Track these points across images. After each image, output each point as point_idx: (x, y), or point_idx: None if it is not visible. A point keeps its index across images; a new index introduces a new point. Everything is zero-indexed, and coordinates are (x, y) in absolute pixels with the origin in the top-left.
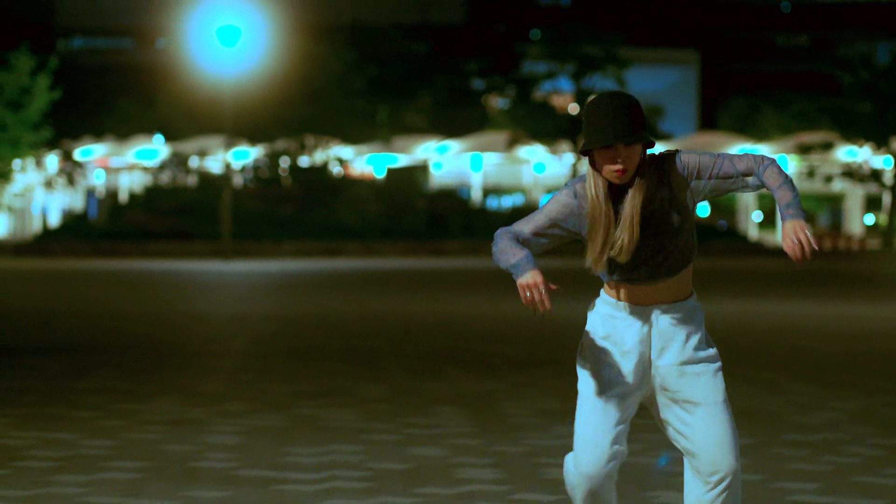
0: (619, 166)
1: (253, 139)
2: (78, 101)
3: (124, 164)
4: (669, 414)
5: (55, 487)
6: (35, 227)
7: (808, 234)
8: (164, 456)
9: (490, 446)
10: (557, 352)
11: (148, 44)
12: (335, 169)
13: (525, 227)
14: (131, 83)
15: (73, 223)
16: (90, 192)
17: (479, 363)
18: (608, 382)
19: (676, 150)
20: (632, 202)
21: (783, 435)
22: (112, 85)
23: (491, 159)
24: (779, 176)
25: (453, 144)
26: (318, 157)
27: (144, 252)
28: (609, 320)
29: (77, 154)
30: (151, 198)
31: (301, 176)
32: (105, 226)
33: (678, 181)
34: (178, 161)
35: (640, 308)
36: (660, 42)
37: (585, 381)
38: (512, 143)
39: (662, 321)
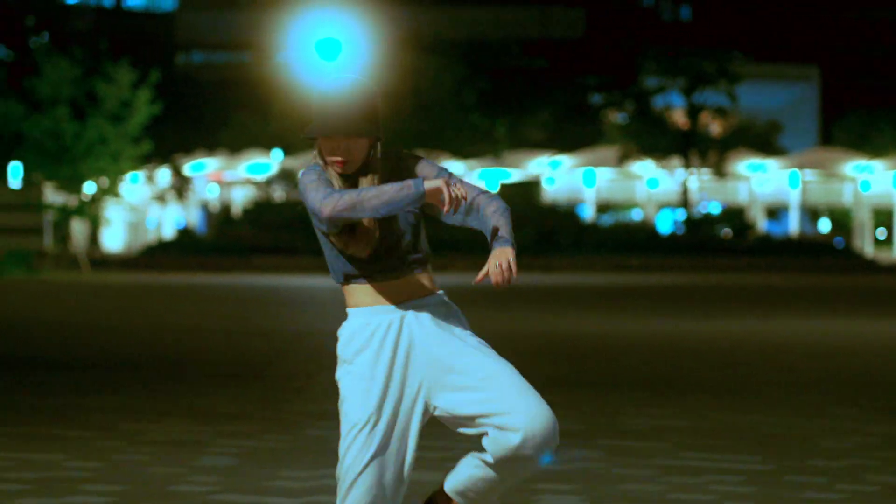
0: (338, 157)
1: None
2: (193, 116)
3: (237, 178)
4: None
5: None
6: (149, 241)
7: (513, 261)
8: (145, 479)
9: None
10: (639, 369)
11: (264, 58)
12: None
13: (325, 193)
14: (246, 97)
15: (182, 237)
16: (203, 207)
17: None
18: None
19: (420, 156)
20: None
21: (808, 461)
22: (227, 99)
23: (604, 175)
24: (499, 207)
25: (565, 159)
26: None
27: (250, 267)
28: (363, 329)
29: (189, 168)
30: (260, 212)
31: None
32: (212, 240)
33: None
34: (285, 176)
35: (387, 307)
36: (781, 58)
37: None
38: (623, 159)
39: (409, 317)
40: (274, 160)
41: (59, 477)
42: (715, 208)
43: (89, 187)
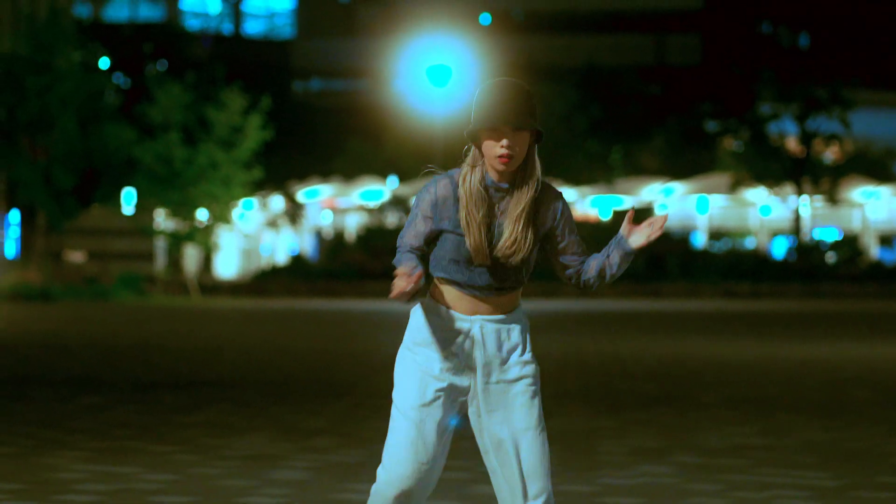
0: (504, 151)
1: None
2: (308, 142)
3: (350, 204)
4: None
5: None
6: (262, 267)
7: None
8: (216, 491)
9: (557, 486)
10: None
11: (378, 85)
12: None
13: (410, 238)
14: (360, 124)
15: (294, 264)
16: (316, 233)
17: (605, 398)
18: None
19: (560, 193)
20: (517, 200)
21: (878, 477)
22: (342, 126)
23: (717, 201)
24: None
25: (678, 186)
26: None
27: (361, 292)
28: (435, 323)
29: (303, 195)
30: (372, 238)
31: None
32: (324, 266)
33: (547, 211)
34: (398, 202)
35: (465, 317)
36: None
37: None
38: (735, 186)
39: (487, 332)
40: (388, 187)
41: (131, 489)
42: (829, 235)
43: (201, 213)
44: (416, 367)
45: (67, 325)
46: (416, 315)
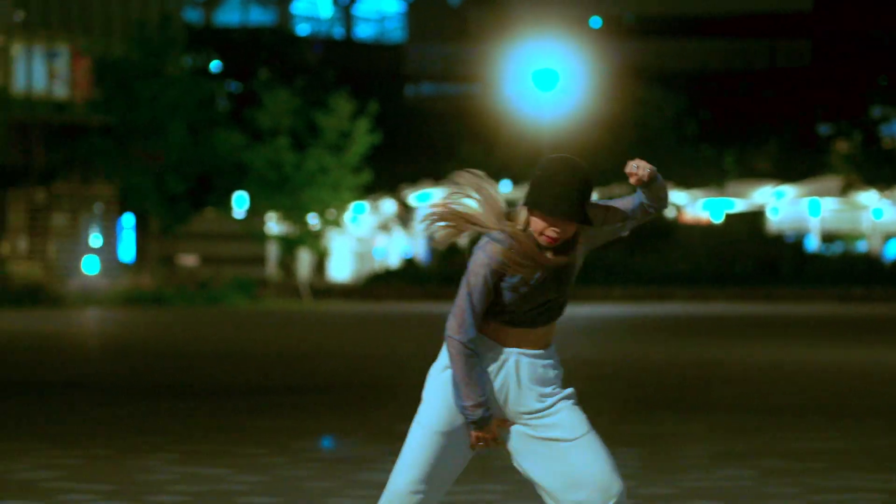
0: (554, 235)
1: None
2: (420, 146)
3: None
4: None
5: None
6: (375, 270)
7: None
8: (302, 492)
9: (638, 489)
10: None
11: (489, 89)
12: (670, 214)
13: (470, 327)
14: (472, 128)
15: (406, 267)
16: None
17: (687, 406)
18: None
19: (596, 203)
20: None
21: None
22: (454, 129)
23: (829, 205)
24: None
25: (789, 189)
26: None
27: None
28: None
29: (415, 198)
30: None
31: None
32: (436, 270)
33: (584, 243)
34: (510, 206)
35: (503, 349)
36: None
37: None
38: (846, 189)
39: (524, 366)
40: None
41: (219, 490)
42: None
43: (312, 217)
44: (448, 393)
45: (177, 329)
46: None
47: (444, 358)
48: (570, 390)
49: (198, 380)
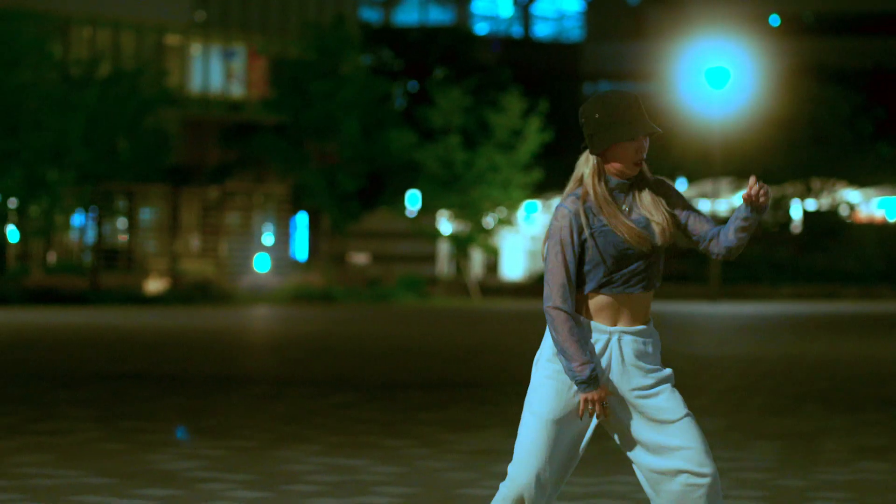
0: (643, 155)
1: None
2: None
3: None
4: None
5: None
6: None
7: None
8: (438, 483)
9: (773, 480)
10: None
11: (664, 87)
12: (844, 212)
13: (567, 293)
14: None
15: None
16: None
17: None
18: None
19: (669, 183)
20: (641, 191)
21: None
22: None
23: None
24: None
25: None
26: (823, 200)
27: None
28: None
29: None
30: None
31: (806, 219)
32: None
33: (667, 197)
34: None
35: (605, 328)
36: None
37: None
38: None
39: (627, 343)
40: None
41: (357, 480)
42: None
43: (486, 216)
44: (557, 377)
45: (343, 326)
46: None
47: (544, 344)
48: (669, 371)
49: (352, 375)
